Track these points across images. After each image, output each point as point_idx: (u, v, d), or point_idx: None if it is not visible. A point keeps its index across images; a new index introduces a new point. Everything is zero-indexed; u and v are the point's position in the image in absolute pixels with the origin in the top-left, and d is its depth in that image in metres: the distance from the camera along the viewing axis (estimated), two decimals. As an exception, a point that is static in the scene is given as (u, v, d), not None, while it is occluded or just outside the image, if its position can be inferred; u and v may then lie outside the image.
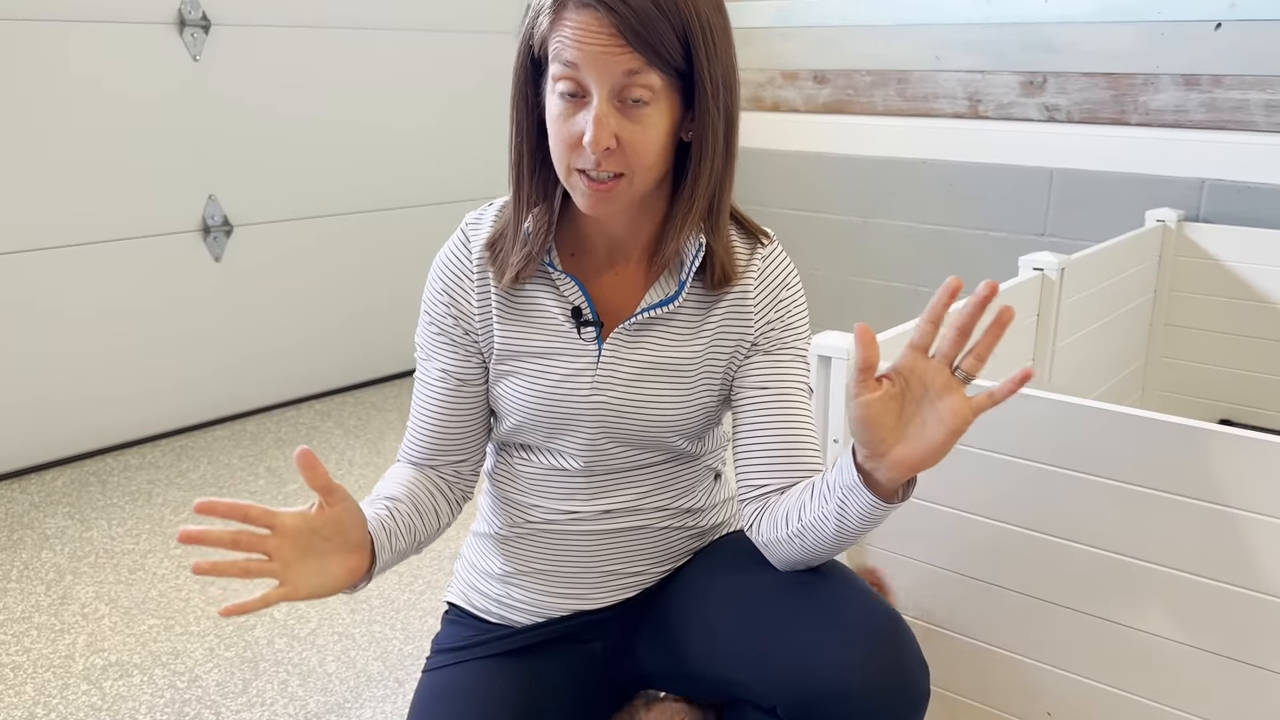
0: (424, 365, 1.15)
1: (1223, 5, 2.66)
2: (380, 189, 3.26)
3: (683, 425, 1.13)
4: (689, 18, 0.96)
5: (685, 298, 1.10)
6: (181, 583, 2.09)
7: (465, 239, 1.12)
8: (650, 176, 1.01)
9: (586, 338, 1.09)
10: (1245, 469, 1.17)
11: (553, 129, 1.00)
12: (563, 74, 0.96)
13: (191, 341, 2.88)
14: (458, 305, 1.11)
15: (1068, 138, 2.98)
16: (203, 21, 2.75)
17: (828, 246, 3.58)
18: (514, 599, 1.19)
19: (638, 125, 0.97)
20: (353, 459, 2.72)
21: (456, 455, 1.16)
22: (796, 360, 1.13)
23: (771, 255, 1.14)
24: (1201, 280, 2.69)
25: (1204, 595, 1.23)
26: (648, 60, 0.95)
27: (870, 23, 3.35)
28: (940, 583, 1.47)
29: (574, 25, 0.94)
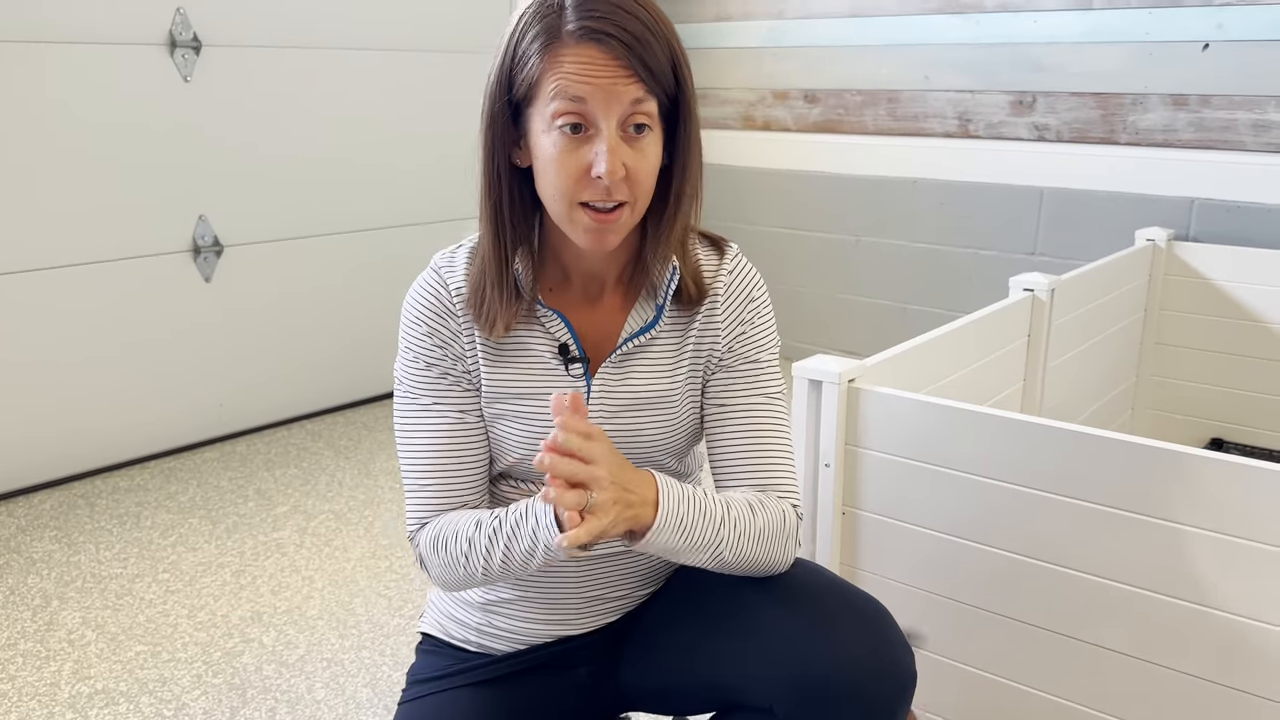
0: (424, 414, 1.09)
1: (1210, 26, 2.68)
2: (372, 208, 3.25)
3: (674, 447, 1.14)
4: (674, 44, 0.99)
5: (662, 323, 1.10)
6: (169, 607, 2.08)
7: (441, 281, 1.09)
8: (646, 203, 1.03)
9: (575, 374, 1.09)
10: (1233, 493, 1.17)
11: (555, 166, 0.98)
12: (567, 109, 0.96)
13: (182, 362, 2.87)
14: (449, 347, 1.08)
15: (1057, 157, 2.99)
16: (194, 43, 2.75)
17: (819, 265, 3.58)
18: (496, 627, 1.18)
19: (640, 153, 0.99)
20: (343, 480, 2.70)
21: (481, 494, 1.13)
22: (763, 370, 1.13)
23: (736, 268, 1.14)
24: (1191, 299, 2.69)
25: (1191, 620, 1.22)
26: (649, 88, 0.97)
27: (860, 43, 3.37)
28: (923, 604, 1.46)
29: (578, 60, 0.95)
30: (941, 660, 1.47)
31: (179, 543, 2.35)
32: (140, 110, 2.68)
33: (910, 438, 1.42)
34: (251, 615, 2.05)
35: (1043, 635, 1.36)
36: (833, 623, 0.99)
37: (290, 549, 2.32)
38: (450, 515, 1.09)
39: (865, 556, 1.52)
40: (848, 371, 1.47)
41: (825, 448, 1.50)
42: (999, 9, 3.04)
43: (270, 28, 2.90)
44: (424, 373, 1.09)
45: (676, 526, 0.99)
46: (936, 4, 3.17)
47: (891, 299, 3.43)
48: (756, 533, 1.05)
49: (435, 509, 1.10)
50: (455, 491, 1.10)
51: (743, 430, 1.11)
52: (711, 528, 1.02)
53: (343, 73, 3.10)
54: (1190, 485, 1.20)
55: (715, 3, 3.69)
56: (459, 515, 1.08)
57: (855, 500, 1.50)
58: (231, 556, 2.29)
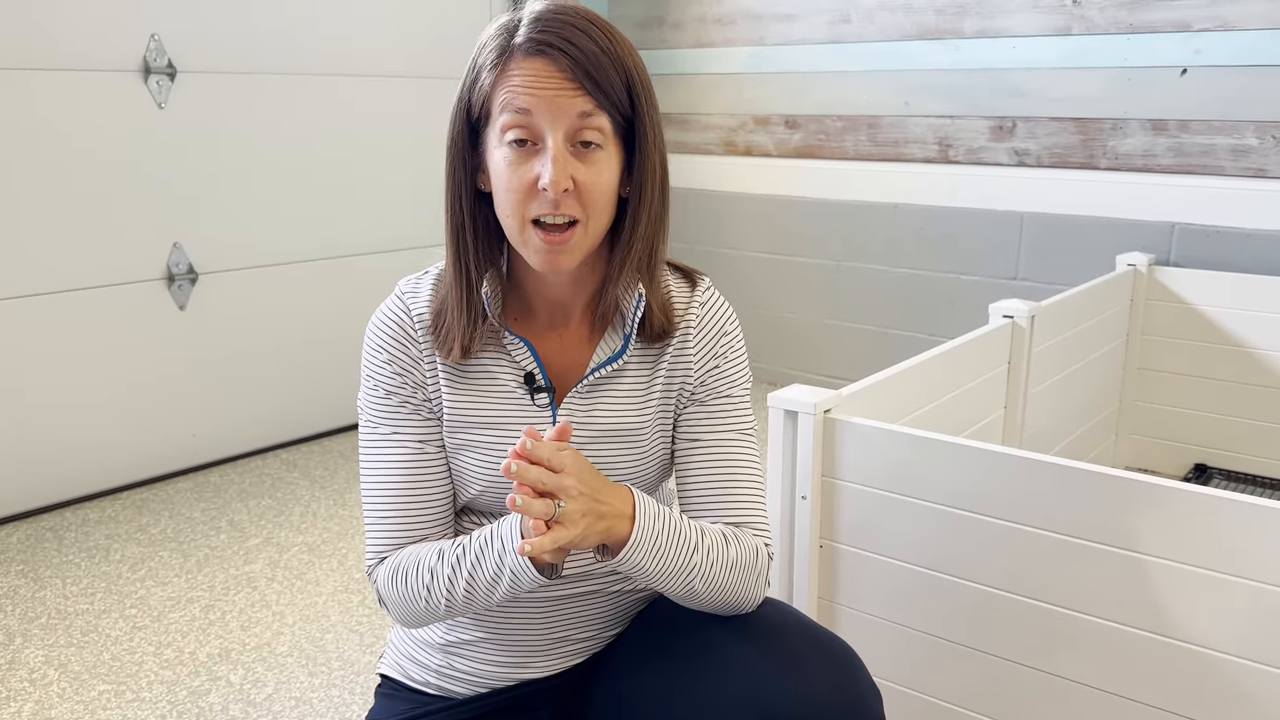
0: (384, 444, 1.07)
1: (1188, 51, 2.68)
2: (348, 235, 3.23)
3: (643, 481, 1.12)
4: (630, 66, 0.99)
5: (631, 354, 1.08)
6: (136, 644, 2.03)
7: (405, 307, 1.07)
8: (601, 224, 1.01)
9: (540, 404, 1.07)
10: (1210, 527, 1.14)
11: (503, 180, 0.98)
12: (514, 122, 0.96)
13: (155, 391, 2.82)
14: (410, 374, 1.06)
15: (1038, 182, 2.99)
16: (168, 69, 2.72)
17: (801, 290, 3.57)
18: (456, 669, 1.14)
19: (592, 168, 0.98)
20: (317, 511, 2.66)
21: (443, 528, 1.09)
22: (733, 406, 1.11)
23: (709, 302, 1.12)
24: (1173, 324, 2.68)
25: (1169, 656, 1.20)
26: (598, 103, 0.96)
27: (841, 69, 3.36)
28: (902, 639, 1.43)
29: (525, 72, 0.96)
30: (922, 697, 1.44)
31: (148, 577, 2.30)
32: (114, 137, 2.65)
33: (888, 469, 1.40)
34: (220, 652, 2.00)
35: (1022, 671, 1.33)
36: (801, 664, 0.97)
37: (261, 583, 2.28)
38: (411, 548, 1.06)
39: (843, 590, 1.48)
40: (824, 402, 1.44)
41: (802, 479, 1.47)
42: (978, 35, 3.04)
43: (246, 54, 2.88)
44: (383, 401, 1.07)
45: (651, 545, 0.97)
46: (916, 30, 3.17)
47: (873, 324, 3.41)
48: (729, 564, 1.02)
49: (394, 543, 1.07)
50: (415, 525, 1.07)
51: (714, 466, 1.09)
52: (686, 551, 0.99)
53: (318, 100, 3.07)
54: (1167, 518, 1.17)
55: (696, 29, 3.69)
56: (420, 547, 1.05)
57: (833, 533, 1.47)
58: (201, 591, 2.24)
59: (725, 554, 1.02)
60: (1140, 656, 1.22)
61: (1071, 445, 2.45)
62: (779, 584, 1.51)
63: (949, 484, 1.34)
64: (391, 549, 1.07)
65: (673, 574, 0.99)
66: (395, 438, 1.07)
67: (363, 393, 1.09)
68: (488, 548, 0.98)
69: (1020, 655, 1.32)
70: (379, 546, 1.07)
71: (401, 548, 1.07)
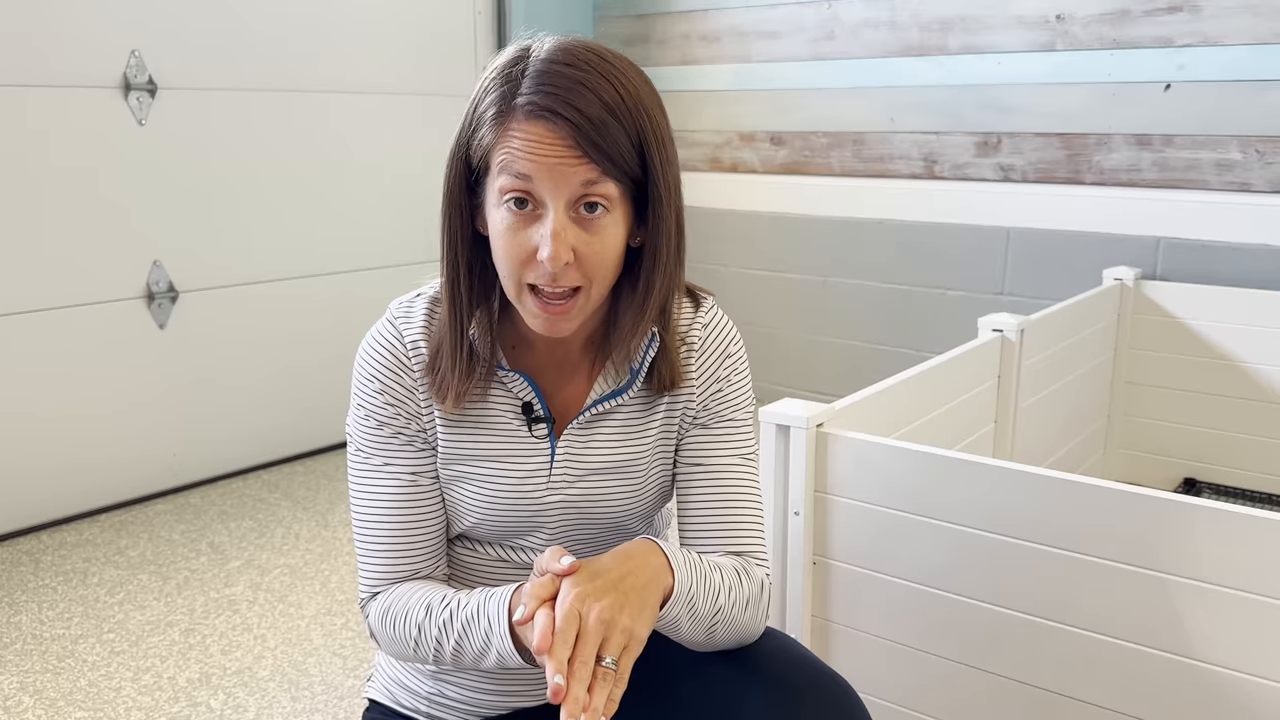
0: (376, 475, 1.03)
1: (1172, 67, 2.69)
2: (329, 253, 3.20)
3: (641, 510, 1.09)
4: (643, 125, 0.92)
5: (635, 390, 1.05)
6: (113, 670, 1.98)
7: (397, 332, 1.03)
8: (604, 287, 0.96)
9: (539, 435, 1.03)
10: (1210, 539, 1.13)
11: (502, 243, 0.92)
12: (513, 186, 0.90)
13: (135, 412, 2.78)
14: (403, 405, 1.02)
15: (1023, 197, 2.99)
16: (149, 85, 2.69)
17: (788, 306, 3.56)
18: (448, 697, 1.11)
19: (595, 236, 0.92)
20: (299, 532, 2.62)
21: (436, 560, 1.06)
22: (736, 430, 1.08)
23: (712, 323, 1.08)
24: (1161, 338, 2.68)
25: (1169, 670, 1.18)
26: (604, 170, 0.90)
27: (825, 85, 3.37)
28: (897, 656, 1.41)
29: (525, 136, 0.89)
30: (917, 715, 1.41)
31: (126, 600, 2.25)
32: (93, 154, 2.62)
33: (881, 484, 1.38)
34: (200, 677, 1.95)
35: (1018, 687, 1.30)
36: (799, 701, 0.95)
37: (243, 606, 2.23)
38: (402, 589, 1.02)
39: (836, 608, 1.46)
40: (816, 416, 1.42)
41: (794, 495, 1.44)
42: (963, 51, 3.05)
43: (227, 71, 2.86)
44: (375, 432, 1.03)
45: (688, 599, 0.94)
46: (900, 46, 3.17)
47: (861, 339, 3.40)
48: (745, 603, 1.00)
49: (387, 577, 1.03)
50: (408, 559, 1.03)
51: (717, 491, 1.06)
52: (713, 597, 0.96)
53: (299, 117, 3.05)
54: (1166, 531, 1.15)
55: (681, 46, 3.69)
56: (411, 591, 1.01)
57: (826, 549, 1.45)
58: (181, 615, 2.19)
59: (741, 594, 0.99)
60: (1145, 673, 1.20)
61: (1061, 460, 2.44)
62: (772, 602, 1.49)
63: (944, 498, 1.32)
64: (384, 584, 1.03)
65: (700, 620, 0.95)
66: (388, 469, 1.03)
67: (353, 420, 1.05)
68: (474, 624, 0.93)
69: (1016, 671, 1.30)
70: (371, 580, 1.04)
71: (395, 582, 1.03)
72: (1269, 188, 2.61)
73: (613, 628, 0.84)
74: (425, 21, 3.33)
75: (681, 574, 0.93)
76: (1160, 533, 1.16)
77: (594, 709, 0.80)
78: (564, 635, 0.82)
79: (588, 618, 0.83)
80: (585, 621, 0.83)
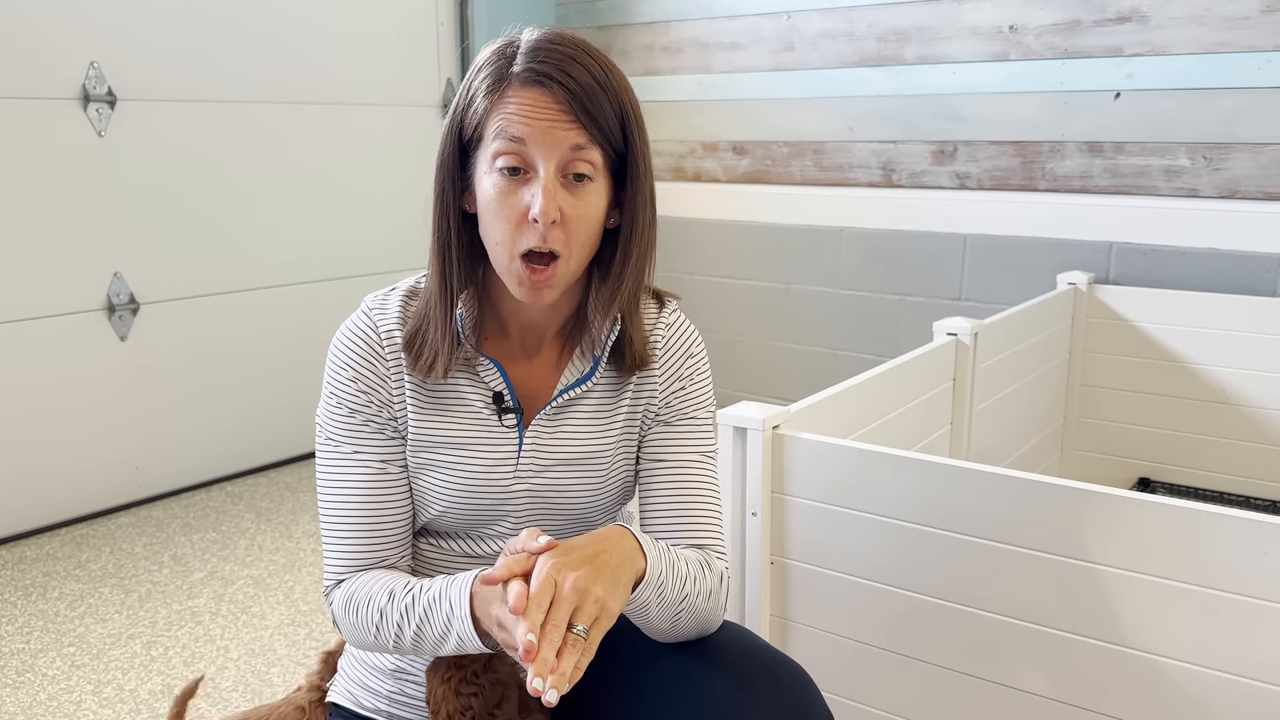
0: (345, 463, 1.05)
1: (1121, 76, 2.75)
2: (290, 264, 3.19)
3: (605, 504, 1.12)
4: (624, 103, 0.99)
5: (598, 378, 1.08)
6: (74, 684, 1.97)
7: (372, 323, 1.05)
8: (583, 257, 1.00)
9: (508, 424, 1.06)
10: (1159, 534, 1.16)
11: (493, 207, 0.97)
12: (507, 149, 0.95)
13: (95, 424, 2.76)
14: (375, 394, 1.04)
15: (979, 205, 3.04)
16: (108, 97, 2.69)
17: (751, 313, 3.59)
18: (408, 695, 1.12)
19: (580, 202, 0.97)
20: (263, 544, 2.61)
21: (402, 550, 1.08)
22: (697, 428, 1.11)
23: (675, 324, 1.12)
24: (1114, 341, 2.73)
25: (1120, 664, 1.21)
26: (592, 136, 0.96)
27: (786, 95, 3.41)
28: (856, 654, 1.43)
29: (520, 101, 0.95)
30: (876, 712, 1.44)
31: (87, 614, 2.24)
32: (52, 165, 2.60)
33: (837, 484, 1.40)
34: (162, 689, 1.94)
35: (975, 683, 1.33)
36: (755, 688, 0.97)
37: (205, 617, 2.22)
38: (366, 576, 1.04)
39: (795, 607, 1.48)
40: (772, 418, 1.45)
41: (752, 496, 1.47)
42: (919, 61, 3.10)
43: (187, 82, 2.85)
44: (346, 420, 1.05)
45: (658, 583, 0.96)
46: (858, 57, 3.22)
47: (823, 345, 3.44)
48: (708, 593, 1.03)
49: (353, 565, 1.05)
50: (374, 547, 1.05)
51: (678, 487, 1.09)
52: (680, 584, 0.99)
53: (261, 128, 3.05)
54: (1116, 527, 1.19)
55: (644, 57, 3.72)
56: (375, 577, 1.03)
57: (784, 549, 1.47)
58: (143, 627, 2.18)
59: (705, 585, 1.02)
60: (1091, 665, 1.23)
61: (1018, 461, 2.48)
62: (731, 602, 1.51)
63: (898, 498, 1.35)
64: (349, 571, 1.05)
65: (668, 606, 0.98)
66: (358, 457, 1.05)
67: (324, 409, 1.07)
68: (435, 607, 0.95)
69: (973, 667, 1.33)
70: (337, 567, 1.05)
71: (359, 571, 1.05)
72: (1216, 193, 2.67)
73: (586, 597, 0.86)
74: (387, 33, 3.34)
75: (653, 558, 0.96)
76: (1105, 528, 1.19)
77: (561, 673, 0.81)
78: (539, 599, 0.84)
79: (563, 585, 0.86)
80: (560, 589, 0.85)
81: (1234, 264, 2.65)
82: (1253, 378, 2.57)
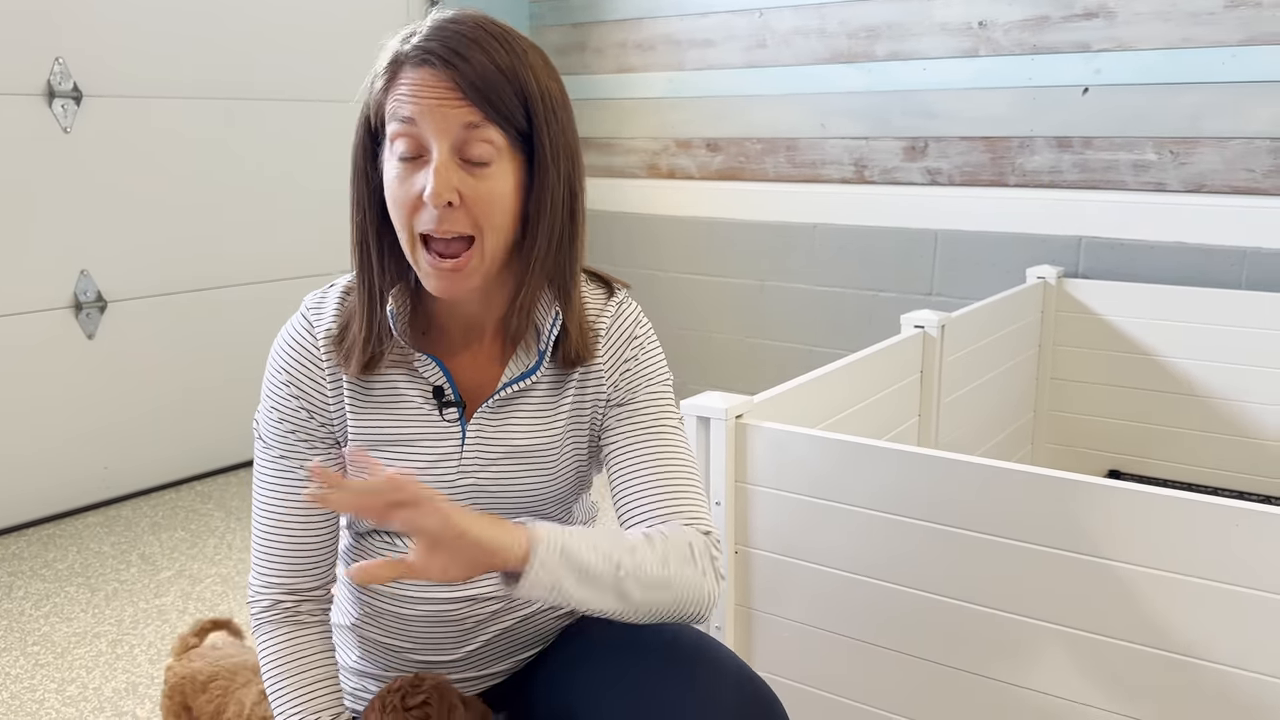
0: (273, 466, 1.05)
1: (1089, 71, 2.77)
2: (259, 262, 3.17)
3: (556, 495, 1.10)
4: (525, 80, 0.95)
5: (543, 371, 1.06)
6: (37, 682, 1.94)
7: (309, 324, 1.04)
8: (499, 240, 0.97)
9: (449, 419, 1.04)
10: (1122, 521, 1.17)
11: (391, 193, 0.95)
12: (400, 131, 0.93)
13: (63, 423, 2.73)
14: (308, 397, 1.04)
15: (950, 200, 3.05)
16: (74, 93, 2.66)
17: (726, 309, 3.59)
18: (370, 691, 1.11)
19: (482, 182, 0.94)
20: (232, 542, 2.59)
21: (322, 562, 1.07)
22: (655, 400, 1.09)
23: (619, 313, 1.10)
24: (1084, 334, 2.75)
25: (1087, 649, 1.21)
26: (486, 115, 0.93)
27: (759, 93, 3.41)
28: (819, 643, 1.43)
29: (410, 81, 0.93)
30: (839, 700, 1.44)
31: (53, 613, 2.22)
32: (17, 161, 2.58)
33: (800, 473, 1.40)
34: (127, 687, 1.93)
35: (937, 670, 1.33)
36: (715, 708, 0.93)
37: (173, 615, 2.21)
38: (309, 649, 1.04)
39: (759, 596, 1.48)
40: (735, 407, 1.45)
41: (715, 485, 1.47)
42: (890, 58, 3.11)
43: (154, 78, 2.83)
44: (276, 425, 1.05)
45: (560, 554, 0.91)
46: (830, 54, 3.23)
47: (798, 341, 3.44)
48: (665, 559, 0.98)
49: (274, 576, 1.04)
50: (296, 559, 1.04)
51: (643, 463, 1.06)
52: (604, 555, 0.94)
53: (228, 125, 3.03)
54: (1082, 514, 1.19)
55: (617, 54, 3.72)
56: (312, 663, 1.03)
57: (748, 538, 1.47)
58: (109, 626, 2.16)
59: (658, 550, 0.98)
60: (1063, 653, 1.24)
61: (988, 453, 2.49)
62: (696, 592, 1.51)
63: (860, 486, 1.35)
64: (271, 584, 1.04)
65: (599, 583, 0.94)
66: (284, 461, 1.05)
67: (260, 410, 1.07)
68: None
69: (935, 654, 1.33)
70: (262, 578, 1.05)
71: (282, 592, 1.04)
72: (1183, 187, 2.69)
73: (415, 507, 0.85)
74: (355, 31, 3.32)
75: (548, 529, 0.92)
76: (1067, 515, 1.20)
77: None
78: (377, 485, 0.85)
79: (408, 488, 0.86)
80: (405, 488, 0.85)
81: (1201, 257, 2.67)
82: (1220, 370, 2.59)
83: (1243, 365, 2.56)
